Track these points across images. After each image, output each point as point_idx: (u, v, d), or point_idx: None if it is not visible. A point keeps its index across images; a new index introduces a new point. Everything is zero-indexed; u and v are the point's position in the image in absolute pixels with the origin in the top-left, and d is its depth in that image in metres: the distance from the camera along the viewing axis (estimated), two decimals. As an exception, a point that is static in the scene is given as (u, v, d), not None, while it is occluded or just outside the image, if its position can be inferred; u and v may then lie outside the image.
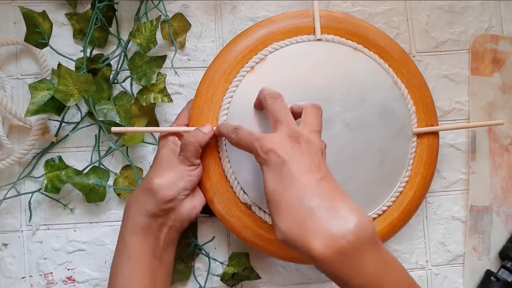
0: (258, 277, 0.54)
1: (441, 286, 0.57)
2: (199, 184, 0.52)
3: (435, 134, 0.55)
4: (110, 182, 0.55)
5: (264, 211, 0.51)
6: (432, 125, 0.54)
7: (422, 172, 0.54)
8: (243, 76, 0.52)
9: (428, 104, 0.55)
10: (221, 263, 0.55)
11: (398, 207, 0.53)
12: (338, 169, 0.51)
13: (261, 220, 0.51)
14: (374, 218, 0.53)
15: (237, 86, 0.52)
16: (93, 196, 0.54)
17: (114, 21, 0.57)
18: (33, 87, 0.51)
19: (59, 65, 0.51)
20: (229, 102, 0.52)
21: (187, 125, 0.52)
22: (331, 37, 0.54)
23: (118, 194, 0.55)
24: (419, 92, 0.54)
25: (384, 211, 0.53)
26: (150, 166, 0.51)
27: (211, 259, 0.55)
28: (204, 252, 0.55)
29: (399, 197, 0.53)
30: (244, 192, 0.51)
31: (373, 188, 0.53)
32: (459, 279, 0.57)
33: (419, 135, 0.54)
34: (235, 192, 0.51)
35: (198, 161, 0.50)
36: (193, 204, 0.50)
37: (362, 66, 0.53)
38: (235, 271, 0.54)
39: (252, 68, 0.52)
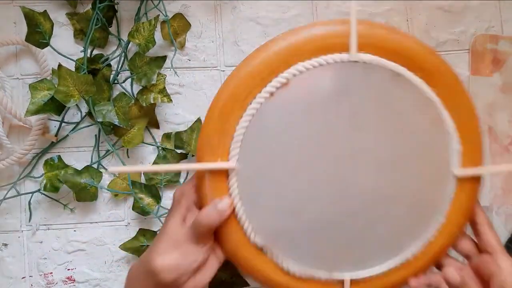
0: (246, 284, 0.54)
1: (441, 286, 0.57)
2: None
3: (478, 178, 0.46)
4: (106, 182, 0.55)
5: (277, 255, 0.45)
6: (477, 166, 0.46)
7: (459, 220, 0.46)
8: (261, 103, 0.44)
9: (477, 143, 0.46)
10: None
11: (424, 255, 0.46)
12: (362, 212, 0.45)
13: (273, 263, 0.46)
14: (396, 267, 0.46)
15: (253, 115, 0.44)
16: (84, 195, 0.54)
17: (114, 21, 0.57)
18: (33, 87, 0.51)
19: (60, 65, 0.51)
20: (243, 133, 0.44)
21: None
22: (369, 57, 0.44)
23: (116, 195, 0.55)
24: (469, 129, 0.46)
25: (407, 259, 0.46)
26: (158, 233, 0.47)
27: None
28: None
29: (427, 247, 0.46)
30: (256, 233, 0.45)
31: (400, 235, 0.45)
32: (459, 279, 0.57)
33: (460, 179, 0.46)
34: (245, 233, 0.45)
35: (211, 240, 0.44)
36: (195, 284, 0.44)
37: (403, 94, 0.44)
38: (223, 279, 0.54)
39: (272, 94, 0.44)
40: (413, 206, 0.46)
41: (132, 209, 0.54)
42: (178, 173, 0.56)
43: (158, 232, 0.50)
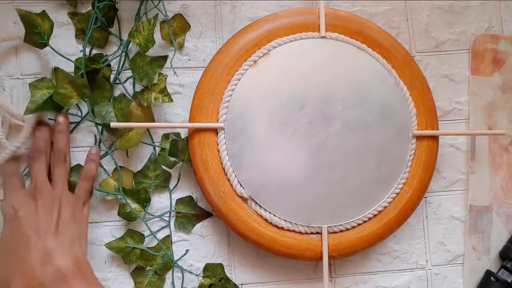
0: (235, 286, 0.54)
1: (441, 286, 0.57)
2: (196, 175, 0.52)
3: (435, 137, 0.55)
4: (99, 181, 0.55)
5: (260, 206, 0.52)
6: (432, 129, 0.55)
7: (420, 175, 0.54)
8: (246, 70, 0.53)
9: (429, 107, 0.55)
10: (196, 275, 0.55)
11: (394, 208, 0.53)
12: (336, 167, 0.52)
13: (256, 214, 0.52)
14: (369, 218, 0.53)
15: (239, 80, 0.52)
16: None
17: (116, 21, 0.57)
18: (33, 86, 0.52)
19: (56, 68, 0.51)
20: (230, 95, 0.52)
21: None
22: (336, 35, 0.54)
23: (108, 195, 0.55)
24: (421, 94, 0.55)
25: (380, 212, 0.53)
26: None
27: (186, 272, 0.55)
28: (177, 265, 0.55)
29: (395, 198, 0.54)
30: (241, 185, 0.52)
31: (370, 188, 0.53)
32: (459, 279, 0.58)
33: (419, 138, 0.54)
34: (232, 185, 0.52)
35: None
36: None
37: (365, 66, 0.53)
38: (212, 282, 0.54)
39: (255, 62, 0.53)
40: (381, 162, 0.53)
41: (118, 214, 0.54)
42: (167, 178, 0.55)
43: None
